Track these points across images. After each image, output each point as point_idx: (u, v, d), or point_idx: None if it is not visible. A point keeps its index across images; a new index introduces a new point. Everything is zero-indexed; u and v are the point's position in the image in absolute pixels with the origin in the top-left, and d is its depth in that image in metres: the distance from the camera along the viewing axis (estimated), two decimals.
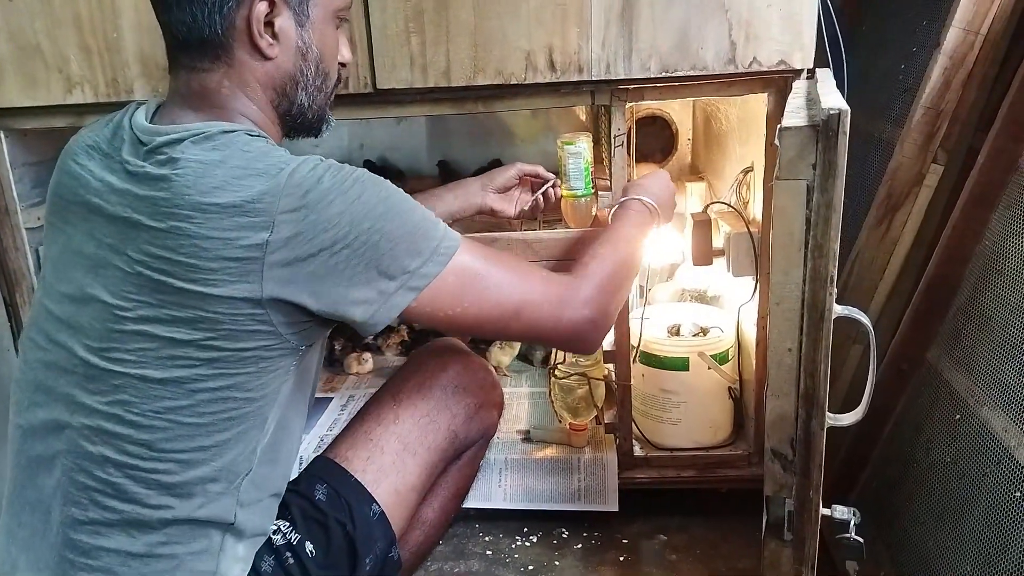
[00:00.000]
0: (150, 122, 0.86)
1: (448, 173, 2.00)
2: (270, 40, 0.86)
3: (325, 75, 0.93)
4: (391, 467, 0.99)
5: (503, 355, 1.83)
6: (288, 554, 0.90)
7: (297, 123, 0.94)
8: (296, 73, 0.90)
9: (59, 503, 0.83)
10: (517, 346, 1.84)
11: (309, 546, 0.91)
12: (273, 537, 0.91)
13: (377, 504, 0.96)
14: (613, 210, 1.12)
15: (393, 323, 0.91)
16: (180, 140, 0.80)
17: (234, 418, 0.83)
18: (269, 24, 0.86)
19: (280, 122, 0.93)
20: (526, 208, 1.32)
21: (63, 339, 0.83)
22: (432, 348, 1.16)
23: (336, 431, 1.19)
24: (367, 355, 1.90)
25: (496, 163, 1.93)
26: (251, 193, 0.76)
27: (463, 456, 1.12)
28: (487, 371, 1.15)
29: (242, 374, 0.81)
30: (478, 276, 0.88)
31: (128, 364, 0.80)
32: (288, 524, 0.92)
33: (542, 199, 1.31)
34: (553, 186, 1.31)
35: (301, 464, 1.09)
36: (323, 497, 0.95)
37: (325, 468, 0.99)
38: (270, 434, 0.87)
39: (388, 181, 0.85)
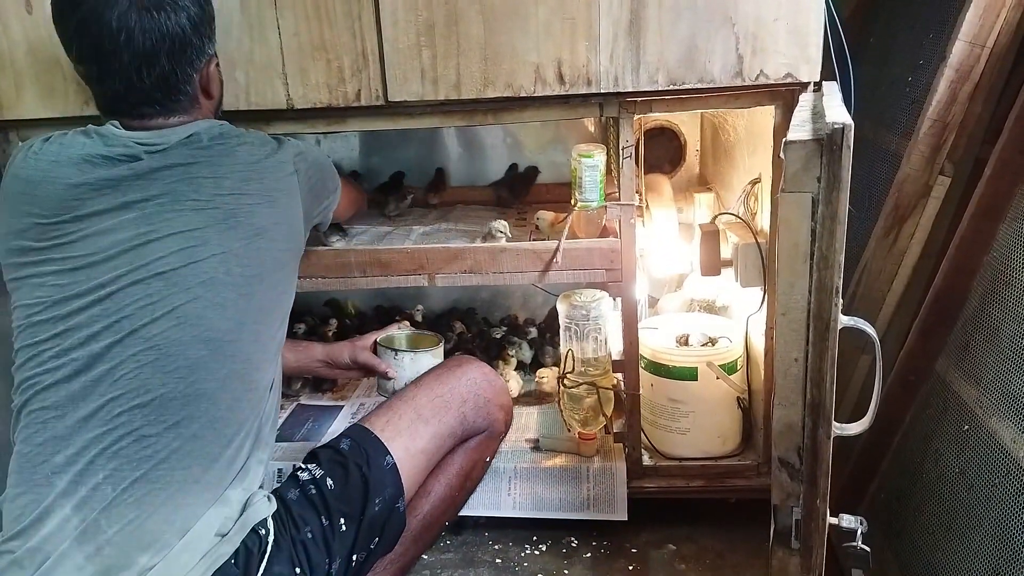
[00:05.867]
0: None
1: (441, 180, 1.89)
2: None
3: None
4: (406, 429, 1.16)
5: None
6: (311, 487, 1.07)
7: None
8: (219, 103, 1.16)
9: None
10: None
11: (329, 481, 1.07)
12: (300, 475, 1.09)
13: (391, 456, 1.12)
14: None
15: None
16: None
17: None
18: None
19: None
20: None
21: None
22: (452, 358, 1.35)
23: None
24: None
25: (513, 168, 1.88)
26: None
27: (471, 440, 1.24)
28: (498, 379, 1.30)
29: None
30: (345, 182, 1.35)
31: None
32: (315, 465, 1.10)
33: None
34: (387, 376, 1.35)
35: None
36: (346, 447, 1.12)
37: (352, 428, 1.18)
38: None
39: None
